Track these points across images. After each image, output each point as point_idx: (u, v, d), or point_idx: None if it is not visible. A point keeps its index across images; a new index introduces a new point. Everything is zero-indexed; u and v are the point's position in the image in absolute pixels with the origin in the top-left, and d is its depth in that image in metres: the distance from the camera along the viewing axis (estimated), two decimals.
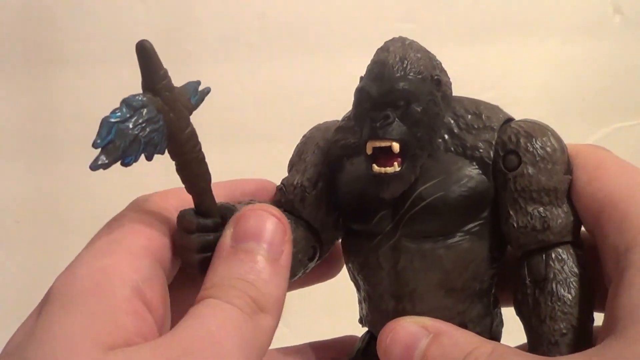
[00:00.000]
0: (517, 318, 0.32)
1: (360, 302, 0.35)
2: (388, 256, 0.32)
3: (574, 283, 0.31)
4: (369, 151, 0.30)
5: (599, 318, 0.30)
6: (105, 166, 0.26)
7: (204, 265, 0.30)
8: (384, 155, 0.30)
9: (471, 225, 0.32)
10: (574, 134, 0.78)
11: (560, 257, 0.31)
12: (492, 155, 0.32)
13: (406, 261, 0.32)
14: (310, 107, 0.35)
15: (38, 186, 0.74)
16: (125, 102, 0.27)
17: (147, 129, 0.27)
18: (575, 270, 0.31)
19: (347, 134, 0.34)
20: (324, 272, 0.39)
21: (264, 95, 0.73)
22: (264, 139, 0.36)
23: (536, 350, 0.31)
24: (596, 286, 0.31)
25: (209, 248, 0.30)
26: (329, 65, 0.32)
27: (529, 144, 0.31)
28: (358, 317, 0.36)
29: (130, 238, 0.29)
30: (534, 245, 0.31)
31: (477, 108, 0.33)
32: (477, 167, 0.32)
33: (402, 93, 0.30)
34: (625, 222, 0.28)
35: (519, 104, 0.74)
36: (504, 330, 0.35)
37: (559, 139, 0.32)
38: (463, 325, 0.33)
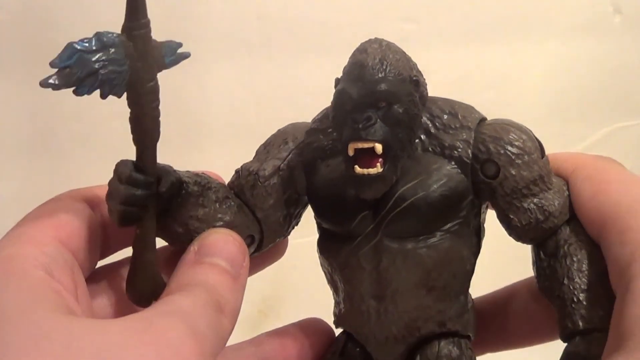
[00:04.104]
0: None
1: (337, 304, 0.35)
2: (369, 257, 0.32)
3: (585, 245, 0.31)
4: (350, 152, 0.30)
5: None
6: (55, 87, 0.26)
7: (124, 218, 0.31)
8: (366, 157, 0.30)
9: (451, 224, 0.32)
10: (574, 134, 0.78)
11: (567, 228, 0.32)
12: (470, 154, 0.32)
13: (388, 262, 0.32)
14: (310, 107, 0.35)
15: (38, 186, 0.74)
16: (97, 35, 0.27)
17: (109, 68, 0.27)
18: (583, 232, 0.32)
19: (320, 136, 0.34)
20: (270, 255, 0.39)
21: (264, 95, 0.73)
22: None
23: (564, 319, 0.31)
24: None
25: (133, 202, 0.30)
26: (329, 65, 0.32)
27: (499, 147, 0.32)
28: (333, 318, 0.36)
29: (35, 228, 0.30)
30: (546, 235, 0.32)
31: (452, 108, 0.33)
32: (455, 166, 0.32)
33: (384, 94, 0.30)
34: (627, 234, 0.29)
35: (519, 104, 0.74)
36: None
37: (522, 129, 0.32)
38: (443, 323, 0.33)
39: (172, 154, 0.31)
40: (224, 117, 0.72)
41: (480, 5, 0.72)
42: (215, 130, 0.72)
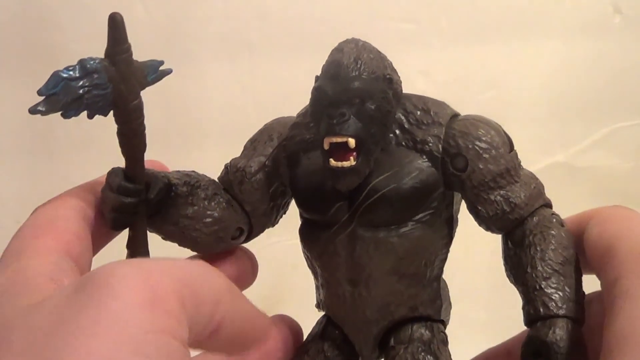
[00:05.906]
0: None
1: (317, 288, 0.37)
2: (344, 244, 0.34)
3: (549, 236, 0.33)
4: (326, 146, 0.32)
5: None
6: (43, 113, 0.29)
7: (116, 223, 0.33)
8: (340, 150, 0.32)
9: (422, 214, 0.34)
10: (574, 134, 0.78)
11: (533, 219, 0.34)
12: (440, 148, 0.33)
13: (361, 249, 0.33)
14: None
15: (38, 186, 0.74)
16: (81, 62, 0.29)
17: (93, 92, 0.29)
18: (547, 224, 0.33)
19: (303, 130, 0.36)
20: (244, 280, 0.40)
21: (264, 95, 0.73)
22: None
23: (527, 306, 0.32)
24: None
25: (123, 209, 0.33)
26: None
27: (467, 142, 0.33)
28: (315, 302, 0.37)
29: (35, 240, 0.30)
30: (513, 225, 0.34)
31: (425, 104, 0.34)
32: (426, 160, 0.34)
33: (356, 92, 0.32)
34: (615, 259, 0.30)
35: (519, 104, 0.74)
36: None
37: (490, 125, 0.34)
38: (415, 308, 0.35)
39: (171, 153, 0.31)
40: (223, 117, 0.72)
41: (480, 5, 0.72)
42: (214, 129, 0.72)
